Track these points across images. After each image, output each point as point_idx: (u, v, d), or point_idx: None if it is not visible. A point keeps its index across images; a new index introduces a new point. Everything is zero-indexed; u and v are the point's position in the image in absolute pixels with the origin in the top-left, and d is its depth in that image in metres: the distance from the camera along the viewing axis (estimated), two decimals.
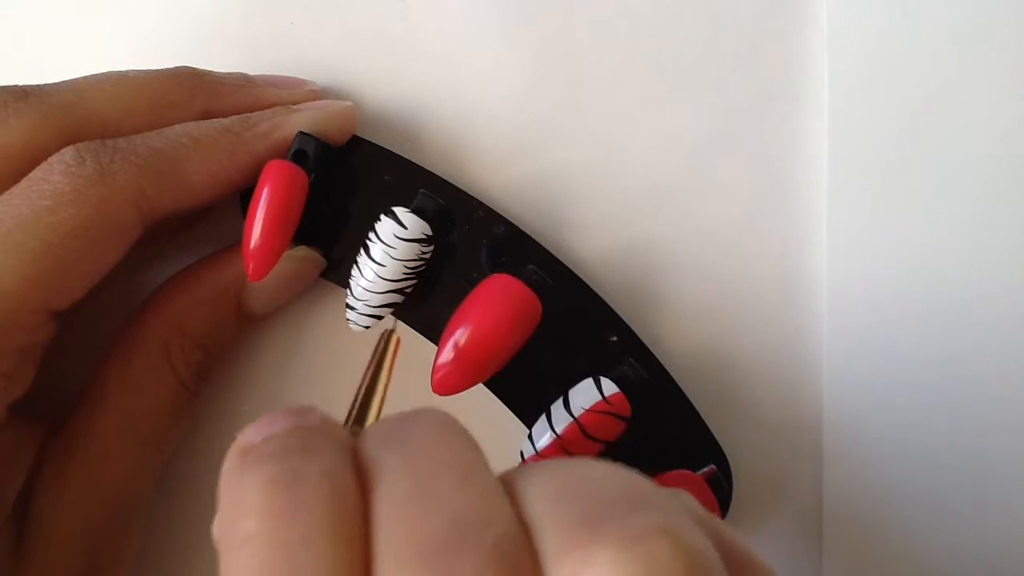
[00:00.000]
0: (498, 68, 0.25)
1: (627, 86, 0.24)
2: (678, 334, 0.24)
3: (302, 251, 0.23)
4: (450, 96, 0.25)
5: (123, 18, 0.25)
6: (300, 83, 0.24)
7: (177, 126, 0.21)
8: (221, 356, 0.23)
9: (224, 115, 0.22)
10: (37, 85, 0.21)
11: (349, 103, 0.23)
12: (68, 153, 0.20)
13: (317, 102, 0.23)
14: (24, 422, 0.21)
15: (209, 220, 0.24)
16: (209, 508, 0.22)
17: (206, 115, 0.22)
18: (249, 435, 0.15)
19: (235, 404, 0.25)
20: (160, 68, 0.22)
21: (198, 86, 0.22)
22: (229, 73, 0.23)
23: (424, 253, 0.22)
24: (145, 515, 0.22)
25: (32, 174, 0.20)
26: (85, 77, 0.21)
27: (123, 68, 0.22)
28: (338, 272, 0.23)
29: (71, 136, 0.20)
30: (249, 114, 0.22)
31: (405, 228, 0.21)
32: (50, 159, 0.20)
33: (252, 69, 0.24)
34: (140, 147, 0.20)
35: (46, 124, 0.20)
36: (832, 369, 0.23)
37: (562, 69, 0.24)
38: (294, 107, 0.23)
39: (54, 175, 0.19)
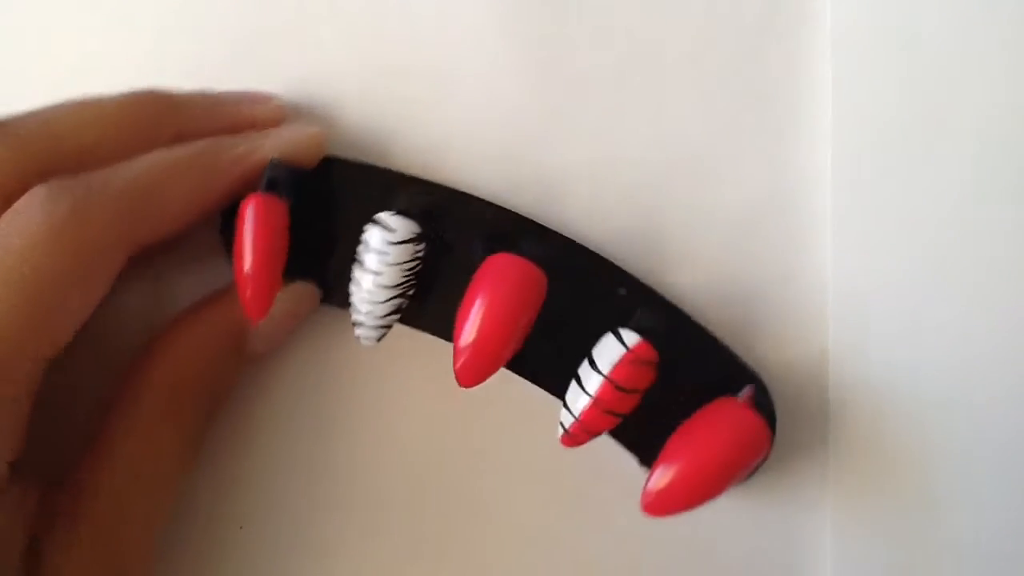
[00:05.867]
0: (498, 68, 0.24)
1: (628, 85, 0.24)
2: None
3: (297, 287, 0.23)
4: (444, 97, 0.25)
5: (121, 15, 0.25)
6: (266, 98, 0.24)
7: (150, 155, 0.21)
8: (225, 399, 0.23)
9: (196, 137, 0.22)
10: (4, 117, 0.21)
11: (318, 128, 0.23)
12: (42, 193, 0.19)
13: (288, 128, 0.23)
14: (21, 478, 0.20)
15: (191, 251, 0.24)
16: (207, 522, 0.22)
17: (178, 138, 0.22)
18: None
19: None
20: (128, 92, 0.22)
21: (169, 109, 0.22)
22: (197, 93, 0.23)
23: (418, 252, 0.22)
24: (157, 560, 0.22)
25: (5, 216, 0.19)
26: (53, 107, 0.21)
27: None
28: (338, 296, 0.23)
29: (43, 169, 0.20)
30: (221, 138, 0.22)
31: (394, 231, 0.21)
32: (23, 200, 0.19)
33: (249, 68, 0.24)
34: (115, 179, 0.20)
35: (17, 158, 0.20)
36: (837, 365, 0.23)
37: (562, 68, 0.24)
38: (265, 132, 0.23)
39: (29, 218, 0.19)
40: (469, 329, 0.21)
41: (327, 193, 0.23)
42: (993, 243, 0.23)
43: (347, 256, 0.22)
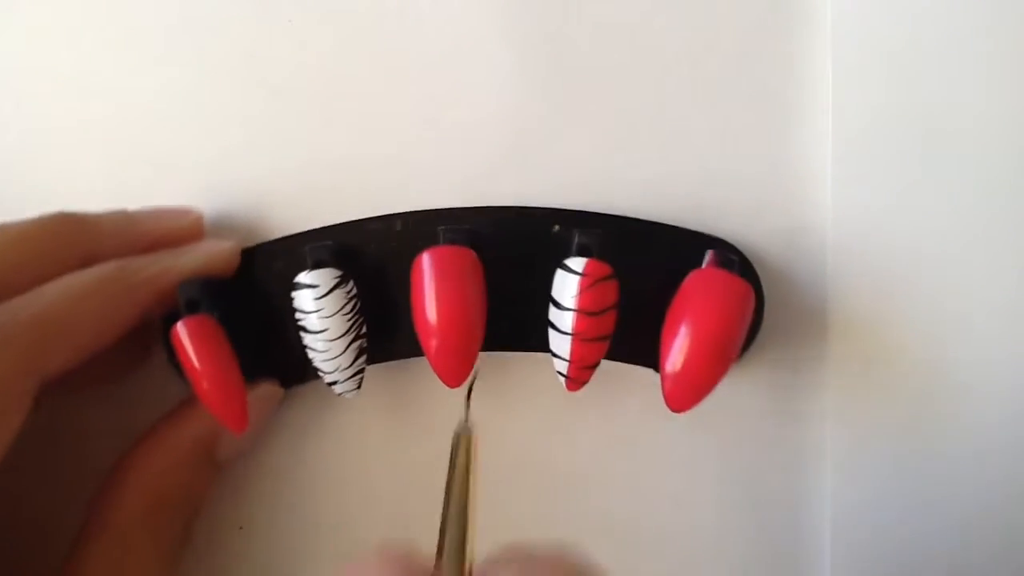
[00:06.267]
0: (495, 72, 0.24)
1: (628, 86, 0.24)
2: None
3: (259, 390, 0.23)
4: (443, 101, 0.24)
5: (122, 16, 0.25)
6: (183, 213, 0.23)
7: (59, 282, 0.20)
8: (200, 508, 0.23)
9: (108, 257, 0.21)
10: None
11: (231, 243, 0.23)
12: None
13: (199, 244, 0.23)
14: None
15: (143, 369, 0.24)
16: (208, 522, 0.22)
17: (89, 259, 0.21)
18: None
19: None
20: (37, 217, 0.21)
21: (79, 231, 0.21)
22: (108, 212, 0.22)
23: (350, 292, 0.22)
24: None
25: None
26: None
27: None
28: (305, 371, 0.23)
29: None
30: (132, 258, 0.21)
31: (317, 286, 0.21)
32: None
33: (245, 64, 0.24)
34: (23, 313, 0.19)
35: None
36: (836, 364, 0.24)
37: (563, 69, 0.24)
38: (178, 251, 0.22)
39: None
40: (431, 334, 0.20)
41: (246, 285, 0.23)
42: (994, 240, 0.23)
43: (291, 330, 0.22)
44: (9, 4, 0.25)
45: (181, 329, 0.21)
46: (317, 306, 0.21)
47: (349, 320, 0.21)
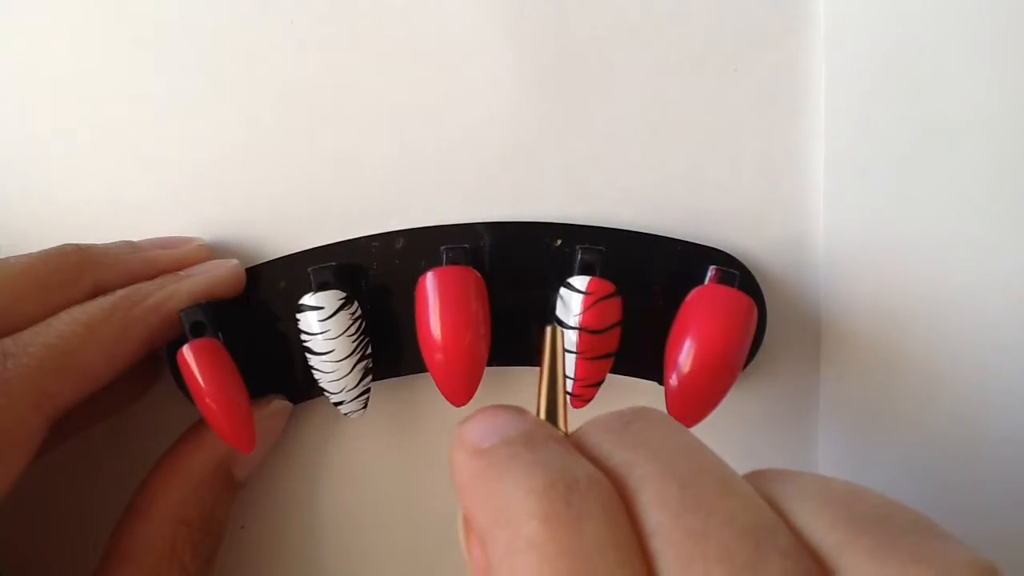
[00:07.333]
0: (495, 75, 0.24)
1: (628, 87, 0.24)
2: None
3: (267, 408, 0.23)
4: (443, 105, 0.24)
5: (122, 18, 0.25)
6: (186, 241, 0.23)
7: (65, 314, 0.20)
8: (223, 533, 0.23)
9: (114, 286, 0.21)
10: None
11: (235, 262, 0.23)
12: None
13: (203, 265, 0.23)
14: None
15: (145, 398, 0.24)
16: None
17: (96, 288, 0.21)
18: (477, 436, 0.15)
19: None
20: (42, 250, 0.21)
21: (85, 260, 0.21)
22: (113, 242, 0.23)
23: (355, 313, 0.22)
24: None
25: None
26: None
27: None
28: (309, 390, 0.23)
29: None
30: (137, 286, 0.21)
31: (322, 308, 0.21)
32: None
33: (245, 66, 0.24)
34: (32, 347, 0.19)
35: None
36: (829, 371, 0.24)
37: (564, 69, 0.24)
38: (181, 274, 0.22)
39: None
40: (436, 355, 0.20)
41: (250, 304, 0.23)
42: (987, 243, 0.23)
43: (296, 350, 0.22)
44: (11, 6, 0.25)
45: (187, 352, 0.21)
46: (322, 328, 0.21)
47: (354, 341, 0.22)
